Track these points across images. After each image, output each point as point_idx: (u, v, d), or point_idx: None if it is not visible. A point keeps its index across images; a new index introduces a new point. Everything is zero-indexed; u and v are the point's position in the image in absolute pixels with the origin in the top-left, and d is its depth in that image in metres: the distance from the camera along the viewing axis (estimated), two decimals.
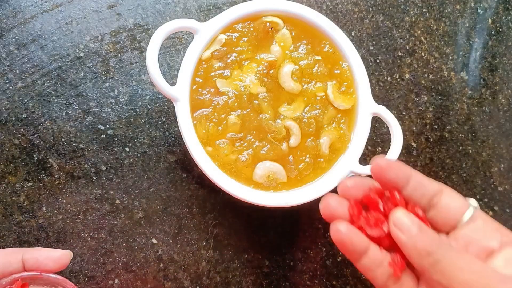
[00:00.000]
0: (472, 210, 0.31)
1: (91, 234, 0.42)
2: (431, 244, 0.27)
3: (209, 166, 0.39)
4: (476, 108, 0.50)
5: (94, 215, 0.42)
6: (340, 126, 0.41)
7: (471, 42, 0.51)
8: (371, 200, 0.32)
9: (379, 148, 0.47)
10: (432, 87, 0.50)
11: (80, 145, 0.43)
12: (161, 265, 0.42)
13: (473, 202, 0.32)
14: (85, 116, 0.43)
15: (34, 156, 0.42)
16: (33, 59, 0.43)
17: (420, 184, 0.31)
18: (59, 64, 0.43)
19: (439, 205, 0.31)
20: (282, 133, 0.40)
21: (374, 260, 0.30)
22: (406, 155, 0.48)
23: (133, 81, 0.44)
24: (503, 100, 0.51)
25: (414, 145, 0.49)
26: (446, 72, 0.50)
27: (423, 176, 0.32)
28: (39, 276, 0.32)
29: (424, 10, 0.50)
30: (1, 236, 0.41)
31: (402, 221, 0.29)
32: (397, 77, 0.49)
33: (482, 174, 0.50)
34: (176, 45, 0.45)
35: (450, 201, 0.31)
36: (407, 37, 0.50)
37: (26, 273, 0.32)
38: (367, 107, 0.41)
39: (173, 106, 0.38)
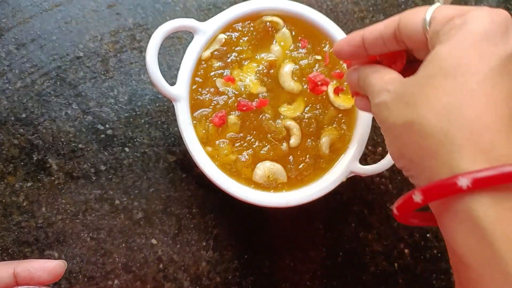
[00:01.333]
0: (431, 12, 0.27)
1: (90, 235, 0.42)
2: (365, 73, 0.31)
3: (209, 166, 0.39)
4: None
5: (93, 215, 0.42)
6: (340, 126, 0.41)
7: None
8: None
9: (380, 148, 0.47)
10: None
11: (80, 145, 0.43)
12: (161, 266, 0.42)
13: (433, 6, 0.29)
14: (85, 116, 0.43)
15: (34, 156, 0.42)
16: (32, 59, 0.43)
17: (376, 33, 0.30)
18: (59, 64, 0.43)
19: (402, 33, 0.29)
20: (282, 133, 0.40)
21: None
22: None
23: (133, 81, 0.44)
24: None
25: None
26: None
27: (376, 25, 0.30)
28: None
29: None
30: (0, 236, 0.41)
31: (347, 74, 0.33)
32: None
33: None
34: (175, 45, 0.45)
35: (407, 19, 0.28)
36: None
37: (20, 287, 0.31)
38: None
39: (173, 106, 0.38)
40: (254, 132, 0.40)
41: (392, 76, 0.29)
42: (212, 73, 0.40)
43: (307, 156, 0.40)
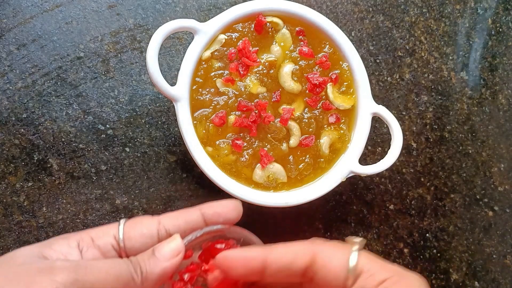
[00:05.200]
0: (354, 259, 0.27)
1: None
2: None
3: (209, 166, 0.39)
4: (476, 108, 0.50)
5: (94, 215, 0.42)
6: (340, 126, 0.41)
7: (471, 42, 0.51)
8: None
9: (379, 148, 0.47)
10: (432, 87, 0.50)
11: (80, 145, 0.43)
12: None
13: (354, 243, 0.28)
14: (85, 116, 0.43)
15: (34, 156, 0.42)
16: (33, 59, 0.43)
17: (283, 262, 0.27)
18: (59, 64, 0.43)
19: (316, 273, 0.27)
20: (282, 133, 0.40)
21: None
22: (406, 155, 0.48)
23: (133, 81, 0.44)
24: (503, 100, 0.51)
25: (414, 145, 0.49)
26: (446, 72, 0.50)
27: (283, 250, 0.27)
28: (222, 231, 0.31)
29: (424, 10, 0.50)
30: (1, 236, 0.41)
31: None
32: (397, 77, 0.49)
33: (482, 174, 0.50)
34: (176, 45, 0.45)
35: (326, 261, 0.27)
36: (407, 37, 0.50)
37: (211, 228, 0.31)
38: (367, 107, 0.41)
39: (173, 106, 0.38)
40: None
41: None
42: (212, 74, 0.40)
43: (307, 156, 0.41)
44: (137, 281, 0.27)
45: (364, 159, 0.47)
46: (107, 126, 0.43)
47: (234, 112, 0.40)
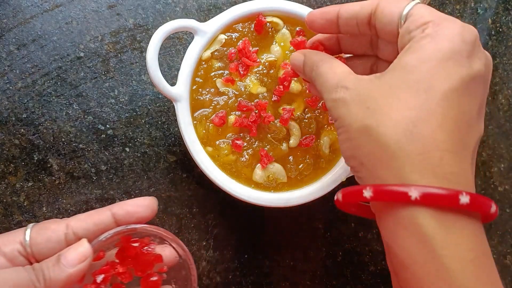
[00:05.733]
0: (409, 7, 0.28)
1: None
2: (311, 62, 0.32)
3: (209, 166, 0.39)
4: None
5: None
6: None
7: None
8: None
9: None
10: None
11: (80, 145, 0.43)
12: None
13: (412, 2, 0.29)
14: (85, 116, 0.43)
15: (34, 156, 0.42)
16: (33, 59, 0.43)
17: (351, 12, 0.30)
18: (59, 64, 0.43)
19: (376, 18, 0.29)
20: (282, 133, 0.40)
21: None
22: None
23: (133, 81, 0.44)
24: (503, 100, 0.51)
25: None
26: None
27: (353, 4, 0.31)
28: (134, 230, 0.32)
29: None
30: None
31: (293, 57, 0.34)
32: None
33: (482, 174, 0.50)
34: (176, 45, 0.45)
35: (385, 7, 0.29)
36: None
37: (121, 228, 0.31)
38: None
39: (173, 106, 0.38)
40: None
41: (344, 69, 0.29)
42: (212, 74, 0.40)
43: (307, 156, 0.41)
44: None
45: None
46: (107, 126, 0.43)
47: (234, 112, 0.40)
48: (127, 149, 0.43)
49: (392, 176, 0.25)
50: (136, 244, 0.32)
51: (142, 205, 0.32)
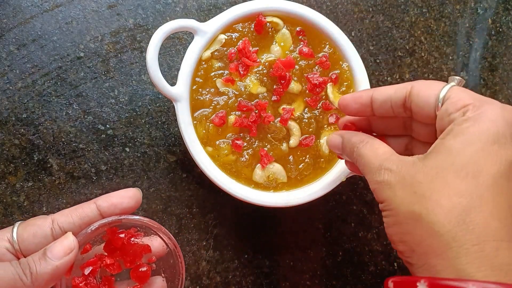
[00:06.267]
0: (446, 90, 0.28)
1: None
2: (351, 143, 0.32)
3: (209, 166, 0.39)
4: None
5: None
6: None
7: (471, 42, 0.51)
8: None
9: None
10: None
11: (80, 145, 0.43)
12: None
13: (453, 80, 0.30)
14: (85, 116, 0.43)
15: (34, 156, 0.42)
16: (33, 59, 0.43)
17: (386, 95, 0.31)
18: (59, 64, 0.43)
19: (412, 101, 0.29)
20: (282, 133, 0.40)
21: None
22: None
23: (133, 81, 0.44)
24: (503, 100, 0.51)
25: None
26: (446, 72, 0.50)
27: (386, 87, 0.31)
28: (119, 221, 0.32)
29: (424, 10, 0.50)
30: None
31: (330, 139, 0.35)
32: (397, 77, 0.49)
33: None
34: (176, 45, 0.45)
35: (420, 90, 0.29)
36: (407, 37, 0.50)
37: (106, 220, 0.31)
38: None
39: (173, 106, 0.38)
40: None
41: (386, 150, 0.29)
42: (212, 74, 0.40)
43: (307, 156, 0.41)
44: (26, 282, 0.28)
45: None
46: (107, 126, 0.43)
47: (234, 112, 0.40)
48: (127, 149, 0.43)
49: (447, 267, 0.24)
50: (122, 235, 0.32)
51: (126, 196, 0.33)
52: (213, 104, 0.40)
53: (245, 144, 0.40)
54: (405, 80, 0.49)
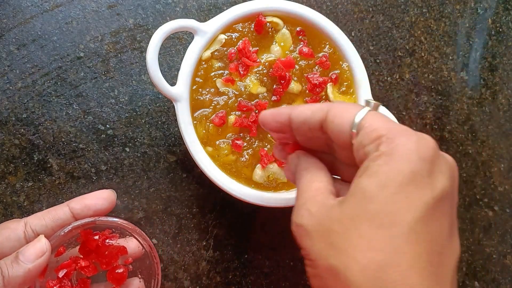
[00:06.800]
0: (360, 117, 0.26)
1: None
2: (299, 168, 0.30)
3: (209, 166, 0.39)
4: (476, 108, 0.50)
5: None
6: None
7: (471, 42, 0.51)
8: None
9: None
10: (432, 87, 0.50)
11: (80, 145, 0.43)
12: (161, 265, 0.42)
13: (369, 104, 0.28)
14: (85, 116, 0.43)
15: (34, 156, 0.42)
16: (33, 59, 0.43)
17: (302, 117, 0.28)
18: (59, 64, 0.43)
19: (327, 127, 0.27)
20: None
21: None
22: None
23: (133, 81, 0.44)
24: (503, 100, 0.51)
25: None
26: (446, 72, 0.50)
27: (303, 107, 0.29)
28: (93, 223, 0.32)
29: (424, 10, 0.50)
30: None
31: (289, 161, 0.31)
32: (397, 77, 0.49)
33: (482, 174, 0.50)
34: (176, 45, 0.45)
35: (335, 116, 0.27)
36: (407, 37, 0.50)
37: (79, 222, 0.31)
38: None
39: (173, 106, 0.38)
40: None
41: (320, 186, 0.27)
42: (212, 74, 0.40)
43: None
44: None
45: None
46: (107, 126, 0.43)
47: (234, 112, 0.40)
48: (127, 149, 0.43)
49: None
50: (96, 237, 0.32)
51: (100, 198, 0.32)
52: (213, 104, 0.39)
53: (245, 144, 0.40)
54: (405, 80, 0.49)
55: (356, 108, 0.26)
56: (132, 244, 0.34)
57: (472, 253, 0.48)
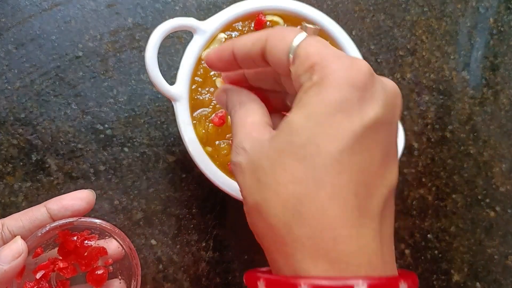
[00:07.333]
0: (296, 43, 0.24)
1: None
2: (231, 104, 0.29)
3: (208, 166, 0.38)
4: (477, 108, 0.50)
5: (92, 215, 0.42)
6: None
7: (472, 42, 0.51)
8: None
9: None
10: (434, 86, 0.49)
11: (79, 145, 0.42)
12: (160, 266, 0.42)
13: (305, 28, 0.26)
14: (84, 116, 0.43)
15: (33, 156, 0.42)
16: (31, 59, 0.43)
17: (245, 49, 0.27)
18: (58, 64, 0.43)
19: (267, 56, 0.26)
20: None
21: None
22: (408, 155, 0.48)
23: (132, 81, 0.44)
24: (504, 100, 0.51)
25: (416, 145, 0.48)
26: (447, 72, 0.50)
27: (245, 38, 0.27)
28: (71, 224, 0.31)
29: (425, 9, 0.50)
30: None
31: (216, 94, 0.31)
32: (398, 76, 0.49)
33: (483, 174, 0.49)
34: (175, 44, 0.45)
35: (273, 44, 0.25)
36: (408, 36, 0.49)
37: (57, 222, 0.31)
38: None
39: (173, 106, 0.38)
40: None
41: (255, 120, 0.26)
42: (212, 73, 0.40)
43: None
44: None
45: None
46: (106, 126, 0.43)
47: None
48: (126, 149, 0.43)
49: (286, 264, 0.22)
50: (74, 238, 0.32)
51: (78, 198, 0.32)
52: (212, 104, 0.39)
53: None
54: (406, 80, 0.49)
55: (294, 33, 0.25)
56: (112, 245, 0.33)
57: (473, 253, 0.48)
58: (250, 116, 0.26)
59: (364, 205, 0.22)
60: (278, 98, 0.30)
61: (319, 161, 0.21)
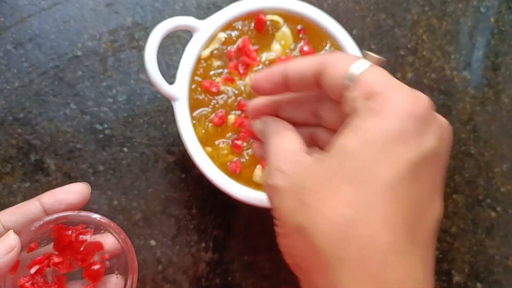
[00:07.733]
0: (360, 67, 0.24)
1: None
2: (266, 132, 0.29)
3: (208, 166, 0.38)
4: (478, 108, 0.50)
5: None
6: None
7: (473, 41, 0.51)
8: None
9: None
10: (435, 86, 0.49)
11: (78, 145, 0.42)
12: (160, 267, 0.42)
13: (369, 56, 0.26)
14: (83, 116, 0.43)
15: (31, 156, 0.41)
16: (30, 58, 0.43)
17: (299, 71, 0.27)
18: (57, 63, 0.43)
19: (323, 79, 0.26)
20: None
21: None
22: None
23: (132, 80, 0.44)
24: (506, 100, 0.50)
25: None
26: (448, 71, 0.50)
27: (299, 62, 0.27)
28: (65, 218, 0.31)
29: (426, 8, 0.50)
30: None
31: (254, 126, 0.32)
32: (399, 76, 0.49)
33: (484, 174, 0.49)
34: (175, 44, 0.45)
35: (332, 67, 0.25)
36: (409, 35, 0.49)
37: (51, 216, 0.30)
38: None
39: (172, 106, 0.38)
40: None
41: (291, 146, 0.26)
42: (212, 72, 0.39)
43: None
44: None
45: None
46: (105, 125, 0.43)
47: (233, 112, 0.39)
48: (125, 149, 0.43)
49: (326, 285, 0.22)
50: (69, 232, 0.31)
51: (72, 192, 0.31)
52: (212, 104, 0.39)
53: (245, 144, 0.39)
54: (407, 80, 0.49)
55: (354, 60, 0.25)
56: (109, 240, 0.33)
57: (474, 254, 0.48)
58: (287, 142, 0.27)
59: (413, 233, 0.22)
60: (304, 132, 0.30)
61: (374, 187, 0.21)
